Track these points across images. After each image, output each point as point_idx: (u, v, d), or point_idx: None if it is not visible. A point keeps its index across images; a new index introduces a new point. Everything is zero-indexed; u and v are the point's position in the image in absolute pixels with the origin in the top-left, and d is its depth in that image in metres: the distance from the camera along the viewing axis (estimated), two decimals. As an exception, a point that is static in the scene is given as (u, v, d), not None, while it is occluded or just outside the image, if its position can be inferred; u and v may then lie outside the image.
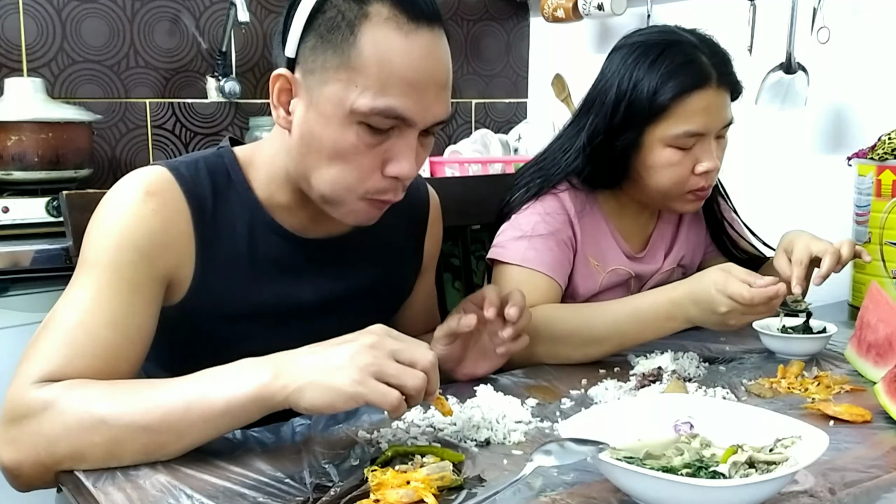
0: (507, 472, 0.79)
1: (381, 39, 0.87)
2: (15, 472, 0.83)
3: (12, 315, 1.61)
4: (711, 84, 1.22)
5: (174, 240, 0.93)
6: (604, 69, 1.30)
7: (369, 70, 0.87)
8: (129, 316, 0.88)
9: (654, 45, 1.24)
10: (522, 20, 2.80)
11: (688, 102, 1.21)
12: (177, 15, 2.26)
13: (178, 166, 0.97)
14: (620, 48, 1.29)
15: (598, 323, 1.15)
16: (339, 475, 0.79)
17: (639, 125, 1.23)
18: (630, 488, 0.70)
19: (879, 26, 1.80)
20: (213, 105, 2.34)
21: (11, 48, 2.07)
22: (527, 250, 1.25)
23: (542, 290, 1.23)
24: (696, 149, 1.24)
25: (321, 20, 0.89)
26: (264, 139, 1.03)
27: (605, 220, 1.34)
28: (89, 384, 0.82)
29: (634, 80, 1.23)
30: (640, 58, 1.24)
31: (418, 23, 0.88)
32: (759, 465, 0.73)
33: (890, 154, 1.45)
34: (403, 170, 0.91)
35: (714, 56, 1.24)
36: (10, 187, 1.84)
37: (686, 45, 1.24)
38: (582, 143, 1.28)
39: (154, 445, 0.80)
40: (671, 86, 1.20)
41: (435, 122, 0.92)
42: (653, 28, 1.33)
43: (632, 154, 1.26)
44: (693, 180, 1.25)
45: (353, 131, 0.89)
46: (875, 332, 1.11)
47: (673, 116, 1.21)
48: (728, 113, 1.26)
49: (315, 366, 0.79)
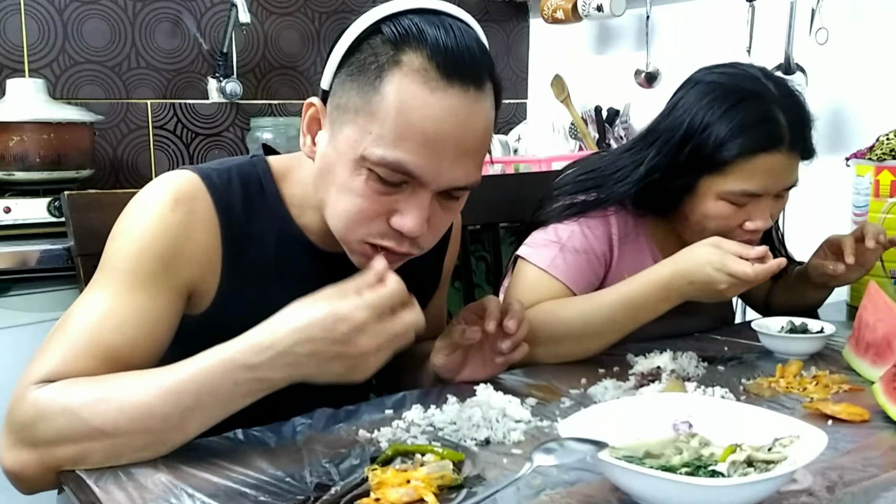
0: (506, 472, 0.79)
1: (405, 90, 0.83)
2: (18, 476, 0.83)
3: (14, 315, 1.62)
4: (782, 147, 1.15)
5: (199, 251, 0.92)
6: (677, 101, 1.24)
7: (386, 119, 0.84)
8: (139, 323, 0.87)
9: (734, 91, 1.17)
10: (522, 21, 2.81)
11: (752, 162, 1.15)
12: (178, 16, 2.27)
13: (211, 174, 0.94)
14: (698, 83, 1.22)
15: (594, 313, 1.14)
16: (340, 474, 0.79)
17: (697, 171, 1.18)
18: (629, 487, 0.71)
19: (878, 27, 1.80)
20: (214, 106, 2.34)
21: (13, 49, 2.07)
22: (556, 258, 1.23)
23: (558, 297, 1.21)
24: (751, 206, 1.19)
25: (356, 58, 0.87)
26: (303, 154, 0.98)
27: (647, 242, 1.31)
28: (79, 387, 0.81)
29: (704, 125, 1.17)
30: (717, 102, 1.17)
31: (450, 80, 0.83)
32: (757, 465, 0.73)
33: (888, 154, 1.46)
34: (408, 226, 0.87)
35: (793, 117, 1.17)
36: (12, 188, 1.85)
37: (766, 99, 1.17)
38: (640, 176, 1.23)
39: (155, 444, 0.80)
40: (739, 142, 1.14)
41: (453, 187, 0.88)
42: (737, 68, 1.23)
43: (683, 196, 1.22)
44: (738, 233, 1.19)
45: (363, 177, 0.86)
46: (873, 331, 1.11)
47: (733, 173, 1.16)
48: (793, 177, 1.20)
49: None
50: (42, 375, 0.83)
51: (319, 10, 2.49)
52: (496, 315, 1.01)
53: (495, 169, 2.19)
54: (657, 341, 1.21)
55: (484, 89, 0.87)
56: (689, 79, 1.25)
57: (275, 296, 0.85)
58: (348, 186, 0.88)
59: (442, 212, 0.91)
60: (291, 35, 2.45)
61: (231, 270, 0.95)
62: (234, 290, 0.95)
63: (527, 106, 2.84)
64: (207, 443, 0.86)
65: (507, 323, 1.01)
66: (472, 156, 0.88)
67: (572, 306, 1.18)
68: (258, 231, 0.96)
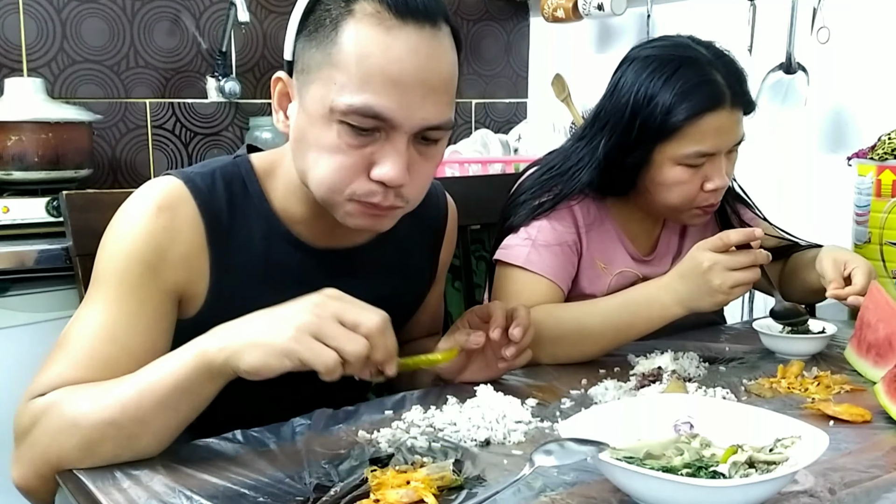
0: (507, 472, 0.79)
1: (361, 35, 0.84)
2: (25, 490, 0.85)
3: (12, 315, 1.61)
4: (725, 105, 1.19)
5: (186, 255, 0.92)
6: (617, 81, 1.27)
7: (348, 66, 0.84)
8: (131, 331, 0.88)
9: (669, 60, 1.21)
10: (522, 20, 2.80)
11: (700, 123, 1.19)
12: (177, 15, 2.26)
13: (194, 177, 0.95)
14: (634, 60, 1.26)
15: (592, 318, 1.15)
16: (339, 475, 0.79)
17: (649, 143, 1.22)
18: (630, 488, 0.71)
19: (879, 26, 1.80)
20: (213, 105, 2.34)
21: (11, 48, 2.07)
22: (530, 253, 1.25)
23: (544, 293, 1.23)
24: (706, 167, 1.22)
25: (311, 19, 0.88)
26: (286, 147, 0.99)
27: (613, 224, 1.34)
28: (69, 390, 0.83)
29: (649, 97, 1.20)
30: (655, 73, 1.21)
31: (404, 19, 0.84)
32: (759, 465, 0.73)
33: (890, 154, 1.46)
34: (388, 174, 0.86)
35: (729, 75, 1.21)
36: (10, 187, 1.84)
37: (701, 62, 1.21)
38: (598, 161, 1.26)
39: (124, 439, 0.80)
40: (685, 107, 1.18)
41: (425, 126, 0.87)
42: (667, 40, 1.29)
43: (641, 170, 1.24)
44: (701, 196, 1.24)
45: (335, 131, 0.86)
46: (875, 332, 1.11)
47: (685, 137, 1.19)
48: (740, 131, 1.24)
49: (256, 327, 0.79)
50: (42, 389, 0.84)
51: (319, 9, 2.48)
52: (501, 323, 1.01)
53: (495, 169, 2.18)
54: (658, 341, 1.21)
55: (440, 27, 0.87)
56: (625, 58, 1.29)
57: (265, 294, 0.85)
58: (323, 144, 0.87)
59: (421, 159, 0.90)
60: (291, 34, 2.44)
61: (219, 272, 0.95)
62: (224, 291, 0.95)
63: (527, 105, 2.84)
64: (206, 444, 0.86)
65: (512, 331, 1.00)
66: (439, 93, 0.87)
67: (571, 308, 1.19)
68: (244, 231, 0.97)
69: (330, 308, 0.78)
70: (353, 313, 0.78)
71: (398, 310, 1.12)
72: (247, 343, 0.78)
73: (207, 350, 0.80)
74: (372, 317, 0.78)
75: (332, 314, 0.77)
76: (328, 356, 0.75)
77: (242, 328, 0.80)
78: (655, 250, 1.38)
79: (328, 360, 0.75)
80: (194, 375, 0.80)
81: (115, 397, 0.80)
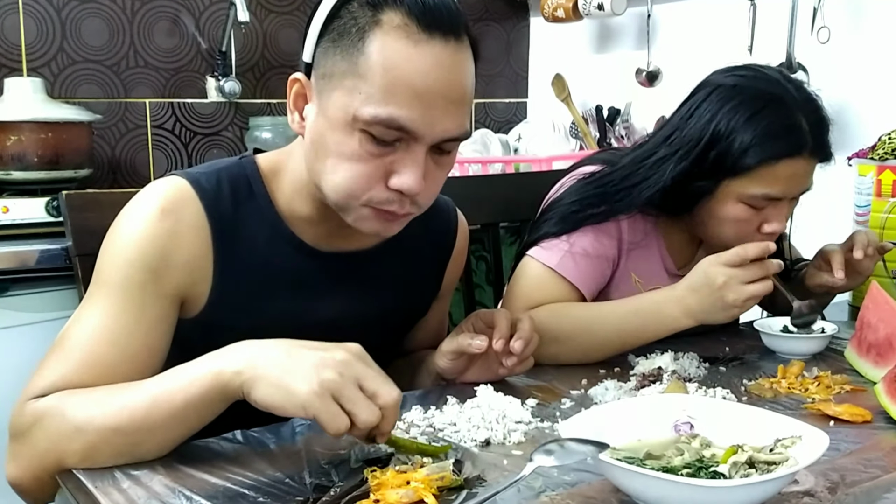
0: (507, 473, 0.79)
1: (388, 47, 0.84)
2: (18, 488, 0.85)
3: (12, 315, 1.62)
4: (804, 153, 1.16)
5: (189, 258, 0.92)
6: (697, 103, 1.21)
7: (374, 78, 0.84)
8: (132, 334, 0.88)
9: (757, 97, 1.17)
10: (522, 20, 2.80)
11: (775, 168, 1.15)
12: (176, 15, 2.26)
13: (200, 178, 0.94)
14: (718, 87, 1.20)
15: (600, 322, 1.15)
16: (339, 475, 0.78)
17: (719, 175, 1.18)
18: (630, 488, 0.71)
19: (879, 26, 1.80)
20: (212, 105, 2.34)
21: (11, 48, 2.07)
22: (564, 258, 1.22)
23: (562, 296, 1.21)
24: (768, 209, 1.19)
25: (335, 25, 0.88)
26: (292, 147, 0.99)
27: (657, 242, 1.31)
28: (71, 394, 0.83)
29: (729, 131, 1.16)
30: (741, 107, 1.16)
31: (431, 32, 0.85)
32: (759, 466, 0.73)
33: (890, 154, 1.46)
34: (406, 184, 0.87)
35: (815, 124, 1.18)
36: (10, 187, 1.84)
37: (789, 105, 1.16)
38: (665, 183, 1.21)
39: (127, 446, 0.80)
40: (764, 148, 1.14)
41: (445, 138, 0.88)
42: (757, 72, 1.22)
43: (702, 199, 1.21)
44: (757, 237, 1.19)
45: (357, 139, 0.86)
46: (875, 332, 1.11)
47: (756, 177, 1.15)
48: (811, 180, 1.20)
49: (278, 362, 0.77)
50: (40, 390, 0.84)
51: (319, 9, 2.49)
52: (505, 333, 1.00)
53: (495, 169, 2.18)
54: (658, 342, 1.21)
55: (463, 40, 0.88)
56: (706, 81, 1.24)
57: (268, 295, 0.85)
58: (343, 151, 0.88)
59: (436, 167, 0.91)
60: (290, 34, 2.44)
61: (223, 273, 0.95)
62: (228, 292, 0.95)
63: (527, 105, 2.84)
64: (206, 444, 0.86)
65: (513, 344, 1.00)
66: (459, 105, 0.89)
67: (577, 311, 1.18)
68: (248, 233, 0.96)
69: (354, 370, 0.77)
70: (375, 383, 0.77)
71: (399, 318, 1.12)
72: (265, 377, 0.77)
73: (224, 371, 0.78)
74: (391, 391, 0.77)
75: (354, 377, 0.76)
76: (342, 421, 0.75)
77: (261, 357, 0.78)
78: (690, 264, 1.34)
79: (341, 424, 0.75)
80: (208, 395, 0.79)
81: (123, 405, 0.80)
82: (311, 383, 0.74)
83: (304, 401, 0.74)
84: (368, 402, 0.76)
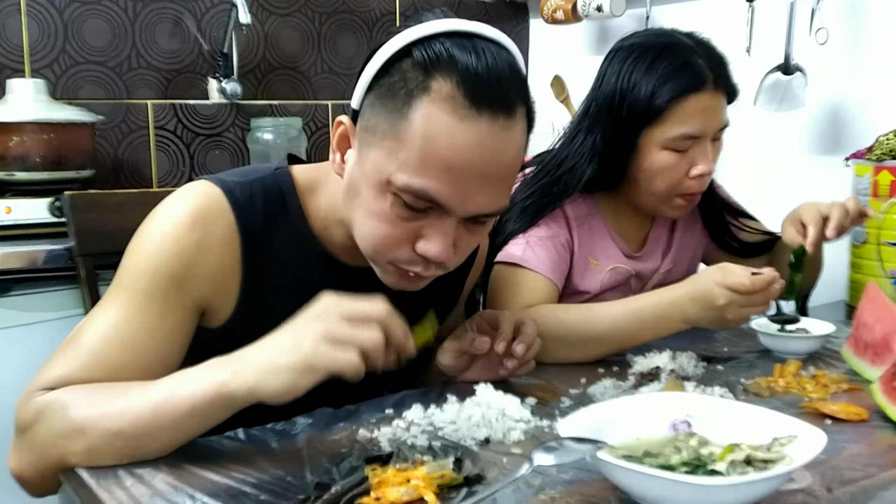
0: (506, 471, 0.80)
1: (432, 118, 0.82)
2: (20, 479, 0.85)
3: (15, 315, 1.62)
4: (708, 87, 1.22)
5: (216, 268, 0.91)
6: (602, 72, 1.30)
7: (413, 146, 0.83)
8: (147, 342, 0.87)
9: (651, 47, 1.25)
10: (522, 21, 2.81)
11: (684, 105, 1.22)
12: (178, 16, 2.27)
13: (234, 188, 0.93)
14: (618, 51, 1.29)
15: (598, 323, 1.16)
16: (340, 473, 0.79)
17: (636, 128, 1.24)
18: (629, 486, 0.71)
19: (878, 27, 1.80)
20: (214, 106, 2.34)
21: (14, 49, 2.07)
22: (525, 251, 1.26)
23: (540, 290, 1.25)
24: (692, 151, 1.25)
25: (386, 81, 0.86)
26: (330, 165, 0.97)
27: (603, 221, 1.36)
28: (75, 390, 0.83)
29: (633, 83, 1.24)
30: (638, 60, 1.24)
31: (479, 108, 0.82)
32: (756, 464, 0.73)
33: (887, 155, 1.46)
34: (433, 251, 0.87)
35: (711, 59, 1.24)
36: (13, 188, 1.85)
37: (683, 47, 1.24)
38: (597, 151, 1.28)
39: (129, 449, 0.80)
40: (668, 88, 1.21)
41: (478, 214, 0.87)
42: (650, 30, 1.33)
43: (629, 157, 1.27)
44: (687, 183, 1.26)
45: (389, 201, 0.86)
46: (872, 331, 1.11)
47: (669, 119, 1.22)
48: (724, 116, 1.27)
49: (269, 353, 0.78)
50: (47, 384, 0.84)
51: (320, 10, 2.49)
52: (508, 335, 1.01)
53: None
54: (656, 341, 1.21)
55: (514, 116, 0.86)
56: (609, 51, 1.31)
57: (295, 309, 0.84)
58: (374, 210, 0.87)
59: (468, 235, 0.90)
60: (292, 35, 2.45)
61: (250, 286, 0.94)
62: (252, 305, 0.95)
63: (527, 106, 2.84)
64: (208, 442, 0.86)
65: (515, 347, 1.01)
66: (497, 183, 0.87)
67: (576, 311, 1.19)
68: (278, 247, 0.96)
69: (334, 311, 0.77)
70: (359, 309, 0.77)
71: None
72: (266, 371, 0.76)
73: (227, 384, 0.78)
74: (377, 305, 0.78)
75: (338, 316, 0.77)
76: (350, 357, 0.75)
77: (255, 357, 0.78)
78: (645, 246, 1.40)
79: (352, 360, 0.74)
80: (213, 406, 0.79)
81: (126, 408, 0.80)
82: (302, 348, 0.75)
83: (306, 365, 0.75)
84: (363, 326, 0.76)
